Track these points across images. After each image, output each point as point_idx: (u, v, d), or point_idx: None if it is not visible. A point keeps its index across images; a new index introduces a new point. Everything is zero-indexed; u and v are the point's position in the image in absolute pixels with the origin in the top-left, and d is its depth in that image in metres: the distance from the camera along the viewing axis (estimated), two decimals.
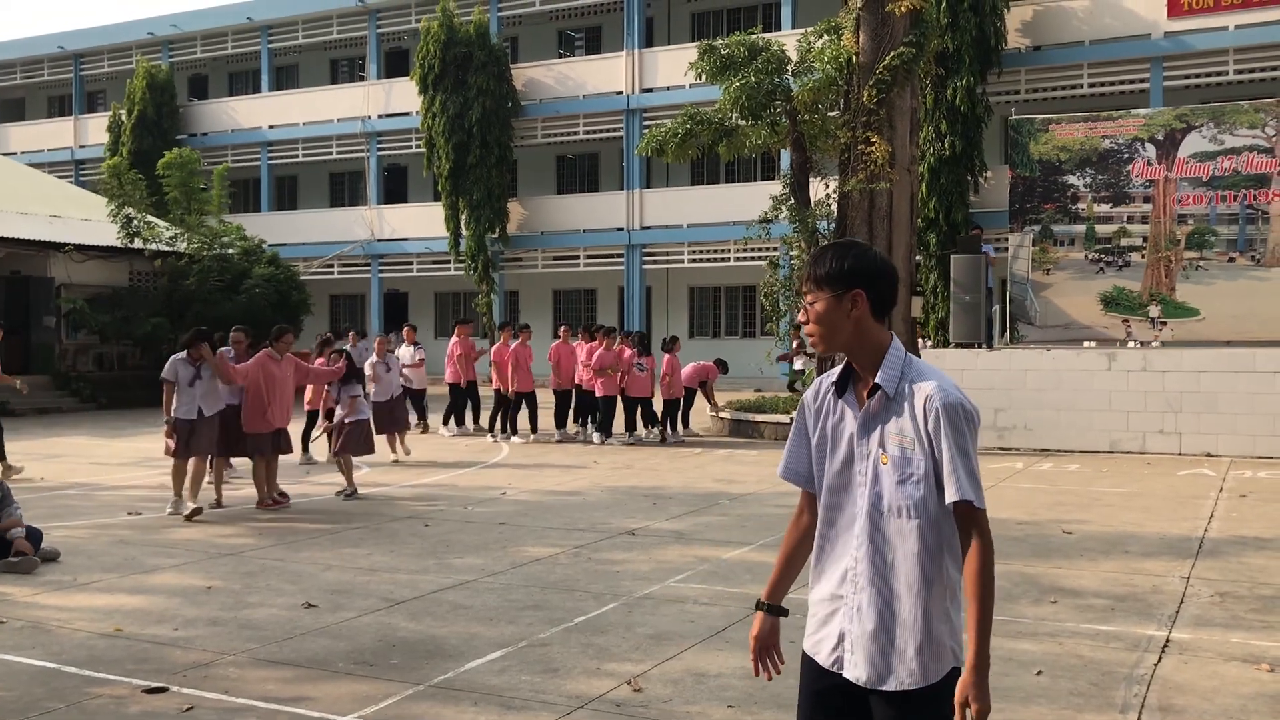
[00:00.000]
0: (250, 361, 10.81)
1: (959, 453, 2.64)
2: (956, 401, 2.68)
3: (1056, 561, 8.15)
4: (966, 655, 2.64)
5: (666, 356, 17.35)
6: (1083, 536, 9.10)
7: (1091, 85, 24.80)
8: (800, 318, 2.86)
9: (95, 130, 36.84)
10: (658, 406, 17.31)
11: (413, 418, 16.84)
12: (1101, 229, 16.13)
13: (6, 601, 7.09)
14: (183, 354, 10.37)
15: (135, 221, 24.91)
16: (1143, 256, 15.90)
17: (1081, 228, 16.20)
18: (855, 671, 2.76)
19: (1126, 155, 15.99)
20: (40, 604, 7.04)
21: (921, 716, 2.69)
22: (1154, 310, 15.78)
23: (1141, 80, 24.35)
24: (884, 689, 2.72)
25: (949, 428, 2.65)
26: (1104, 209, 16.11)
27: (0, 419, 13.93)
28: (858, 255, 2.78)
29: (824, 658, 2.83)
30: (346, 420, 11.85)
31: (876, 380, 2.76)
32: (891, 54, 17.01)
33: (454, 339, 18.03)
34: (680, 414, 17.42)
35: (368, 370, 14.63)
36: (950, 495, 2.65)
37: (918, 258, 20.39)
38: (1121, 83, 24.61)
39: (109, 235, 25.03)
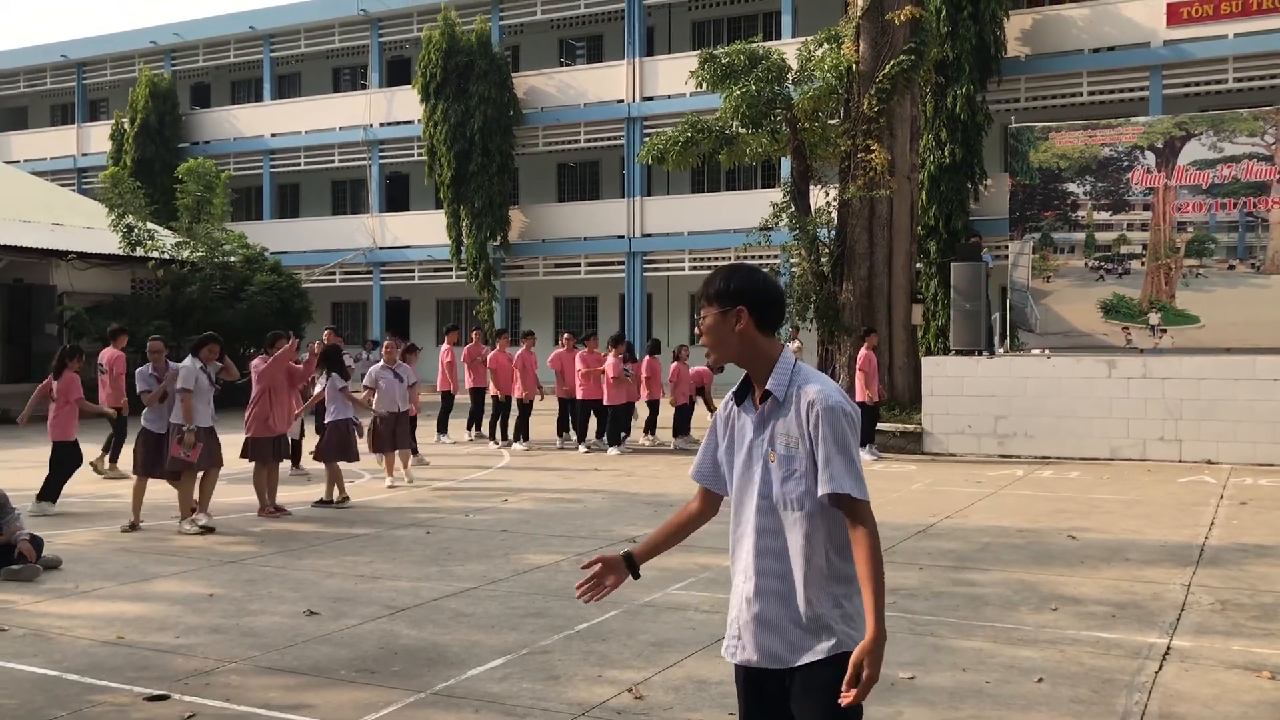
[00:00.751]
0: (266, 366, 10.82)
1: (836, 449, 2.88)
2: (837, 404, 2.92)
3: (1057, 569, 8.15)
4: (866, 630, 2.86)
5: (674, 364, 17.37)
6: (1083, 544, 9.11)
7: (1091, 93, 24.84)
8: (698, 331, 3.12)
9: (98, 138, 36.90)
10: (663, 413, 17.36)
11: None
12: (1101, 236, 16.15)
13: (8, 609, 7.10)
14: (196, 362, 9.93)
15: (136, 230, 24.95)
16: (1143, 264, 15.91)
17: (1081, 235, 16.22)
18: (745, 655, 3.00)
19: (1126, 163, 16.02)
20: (42, 611, 7.05)
21: (807, 694, 2.92)
22: (1154, 318, 15.80)
23: (1141, 88, 24.39)
24: (773, 668, 2.96)
25: (828, 427, 2.89)
26: (1104, 216, 16.14)
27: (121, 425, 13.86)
28: (743, 277, 3.07)
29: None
30: (328, 420, 11.53)
31: (767, 386, 3.02)
32: (892, 62, 17.07)
33: (445, 346, 18.09)
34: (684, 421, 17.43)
35: (368, 379, 13.03)
36: (822, 488, 2.89)
37: (918, 265, 20.42)
38: (1121, 91, 24.65)
39: (111, 243, 25.07)
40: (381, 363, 13.23)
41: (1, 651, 6.13)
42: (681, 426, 17.33)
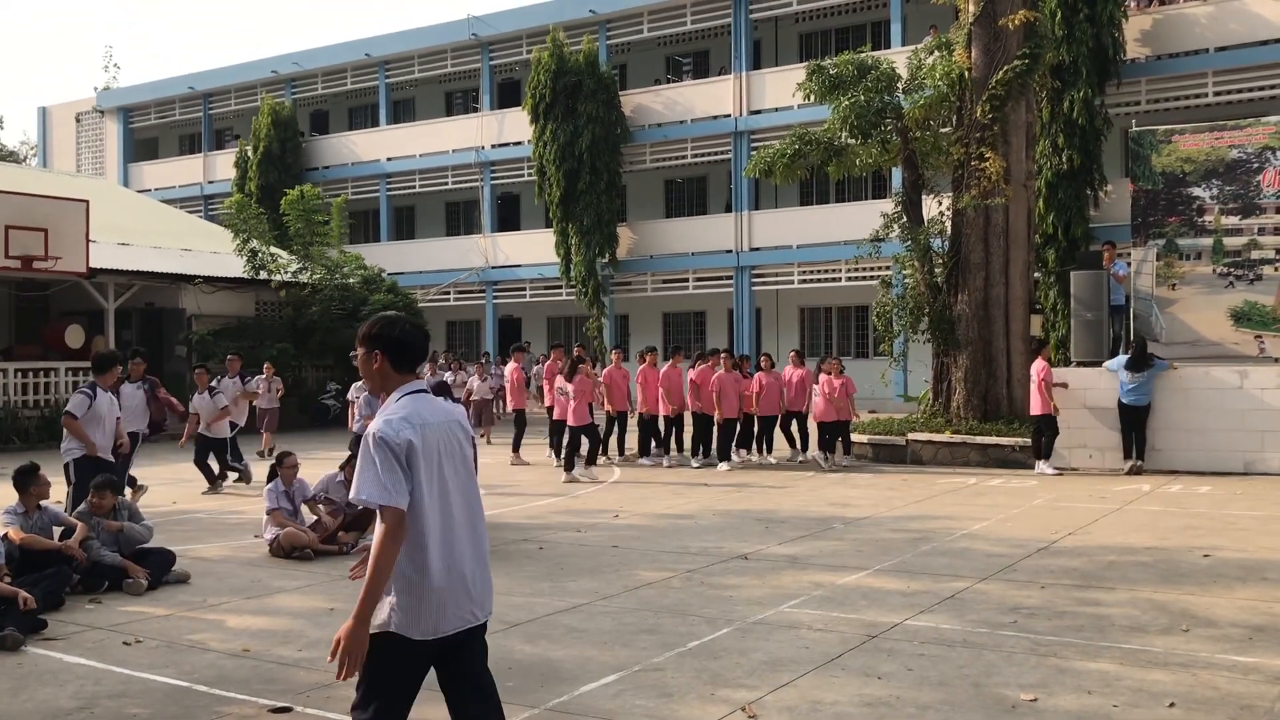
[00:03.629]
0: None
1: (362, 466, 3.67)
2: (368, 433, 3.72)
3: (1188, 588, 7.83)
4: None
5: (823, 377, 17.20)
6: (1217, 562, 8.74)
7: (1217, 94, 23.92)
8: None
9: (223, 166, 38.31)
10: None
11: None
12: (1230, 241, 15.55)
13: (142, 620, 7.38)
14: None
15: (260, 254, 25.80)
16: (1276, 269, 15.26)
17: (1208, 241, 15.64)
18: None
19: (1256, 165, 15.40)
20: (173, 624, 7.30)
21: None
22: None
23: (1272, 86, 23.38)
24: None
25: (360, 451, 3.71)
26: (1232, 221, 15.53)
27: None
28: (383, 325, 3.89)
29: None
30: None
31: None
32: (1005, 68, 16.69)
33: (548, 363, 18.24)
34: (767, 435, 17.25)
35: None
36: (350, 495, 3.75)
37: (1036, 275, 19.88)
38: (1250, 90, 23.67)
39: (236, 267, 25.97)
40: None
41: (137, 662, 6.37)
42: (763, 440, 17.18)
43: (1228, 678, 5.73)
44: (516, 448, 17.47)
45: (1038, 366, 15.04)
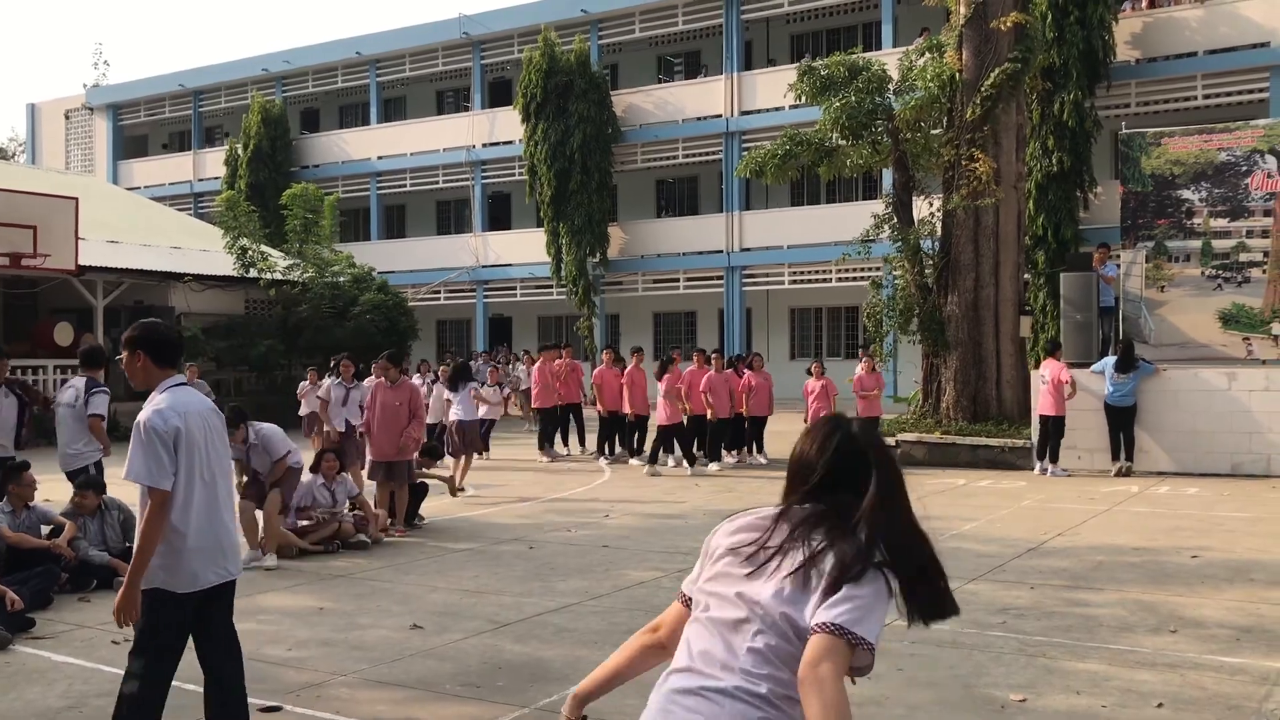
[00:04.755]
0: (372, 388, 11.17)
1: (132, 450, 4.23)
2: (139, 421, 4.27)
3: (1175, 589, 7.86)
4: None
5: (748, 374, 17.20)
6: (1204, 563, 8.77)
7: (1206, 97, 24.02)
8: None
9: (213, 164, 38.18)
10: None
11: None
12: (1219, 244, 15.59)
13: None
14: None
15: (250, 252, 25.73)
16: (1264, 272, 15.31)
17: (1197, 243, 15.69)
18: None
19: (1245, 167, 15.45)
20: None
21: None
22: (1277, 327, 15.17)
23: (1260, 90, 23.51)
24: None
25: (133, 436, 4.28)
26: (1221, 224, 15.58)
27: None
28: (142, 329, 4.44)
29: None
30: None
31: None
32: (996, 70, 16.73)
33: (538, 363, 18.26)
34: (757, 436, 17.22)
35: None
36: (123, 474, 4.27)
37: (1026, 276, 19.93)
38: (1239, 93, 23.78)
39: (226, 265, 25.90)
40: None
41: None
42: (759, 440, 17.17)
43: (1215, 678, 5.76)
44: (544, 444, 17.69)
45: (1054, 368, 15.07)
